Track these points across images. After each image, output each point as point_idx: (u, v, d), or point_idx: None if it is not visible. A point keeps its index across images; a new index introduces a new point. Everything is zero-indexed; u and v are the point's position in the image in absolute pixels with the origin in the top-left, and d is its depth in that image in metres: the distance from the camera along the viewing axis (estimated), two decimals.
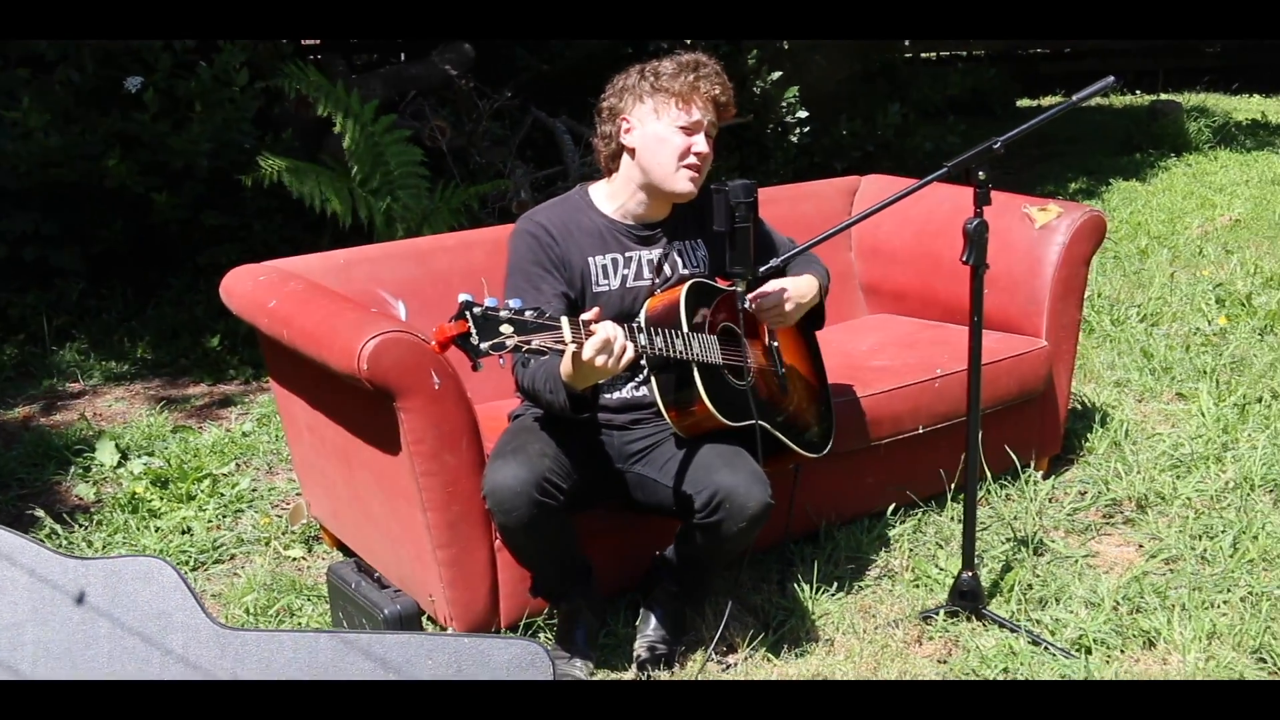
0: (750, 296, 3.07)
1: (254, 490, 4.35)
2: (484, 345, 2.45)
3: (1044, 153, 10.84)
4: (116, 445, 4.70)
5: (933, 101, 10.13)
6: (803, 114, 8.13)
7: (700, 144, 3.06)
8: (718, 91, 3.07)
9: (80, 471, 4.57)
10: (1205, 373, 5.03)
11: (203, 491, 4.29)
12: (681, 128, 3.04)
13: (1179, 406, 4.75)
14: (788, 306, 3.14)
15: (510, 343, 2.47)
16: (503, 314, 2.48)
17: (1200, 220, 8.06)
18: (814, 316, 3.36)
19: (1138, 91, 15.13)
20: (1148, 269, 6.75)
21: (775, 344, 3.25)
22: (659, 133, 3.04)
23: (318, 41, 7.55)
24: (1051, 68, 15.92)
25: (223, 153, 6.11)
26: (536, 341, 2.51)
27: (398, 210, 6.06)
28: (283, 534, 3.99)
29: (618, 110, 3.08)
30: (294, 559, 3.85)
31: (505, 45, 7.59)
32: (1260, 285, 6.22)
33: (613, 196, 3.18)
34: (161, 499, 4.24)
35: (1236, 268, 6.65)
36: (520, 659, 2.62)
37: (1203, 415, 4.53)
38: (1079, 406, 4.69)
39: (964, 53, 16.30)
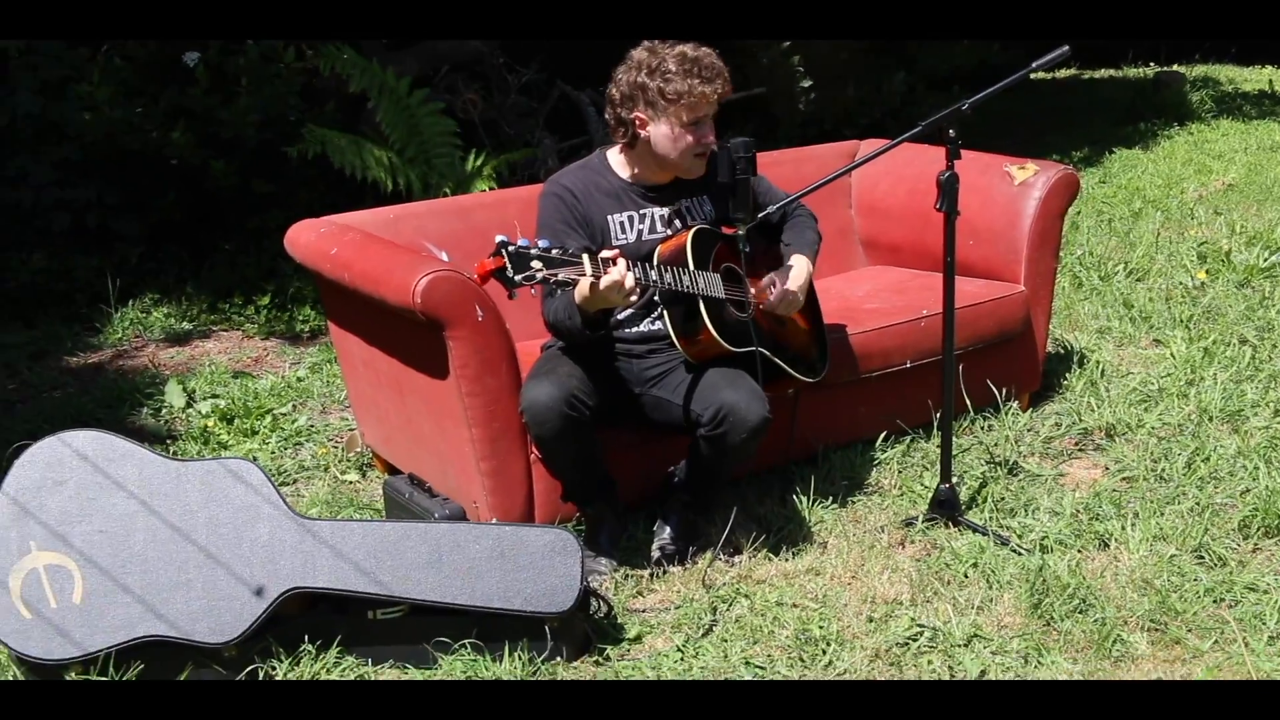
0: (762, 307, 3.57)
1: (311, 426, 4.83)
2: (518, 277, 2.92)
3: (1052, 123, 11.21)
4: (184, 388, 5.18)
5: (939, 72, 10.48)
6: (807, 83, 8.53)
7: (707, 134, 3.52)
8: (719, 87, 3.48)
9: (151, 412, 5.04)
10: (1181, 321, 5.45)
11: (265, 427, 4.77)
12: (689, 127, 3.48)
13: (1154, 351, 5.17)
14: (796, 296, 3.65)
15: (540, 275, 2.94)
16: (533, 251, 2.95)
17: (1195, 185, 8.45)
18: None
19: (1151, 64, 15.44)
20: (1139, 230, 7.15)
21: (770, 275, 3.70)
22: (671, 133, 3.49)
23: None
24: (1054, 41, 16.17)
25: (270, 124, 6.58)
26: (562, 274, 2.98)
27: (434, 177, 6.52)
28: (339, 461, 4.45)
29: (632, 106, 3.50)
30: (350, 482, 4.32)
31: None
32: (1243, 243, 6.61)
33: (628, 164, 3.63)
34: (228, 433, 4.72)
35: (1222, 227, 7.05)
36: (554, 544, 3.09)
37: (1174, 357, 4.95)
38: (1061, 350, 5.12)
39: None
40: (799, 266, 3.71)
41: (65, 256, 6.63)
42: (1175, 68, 13.96)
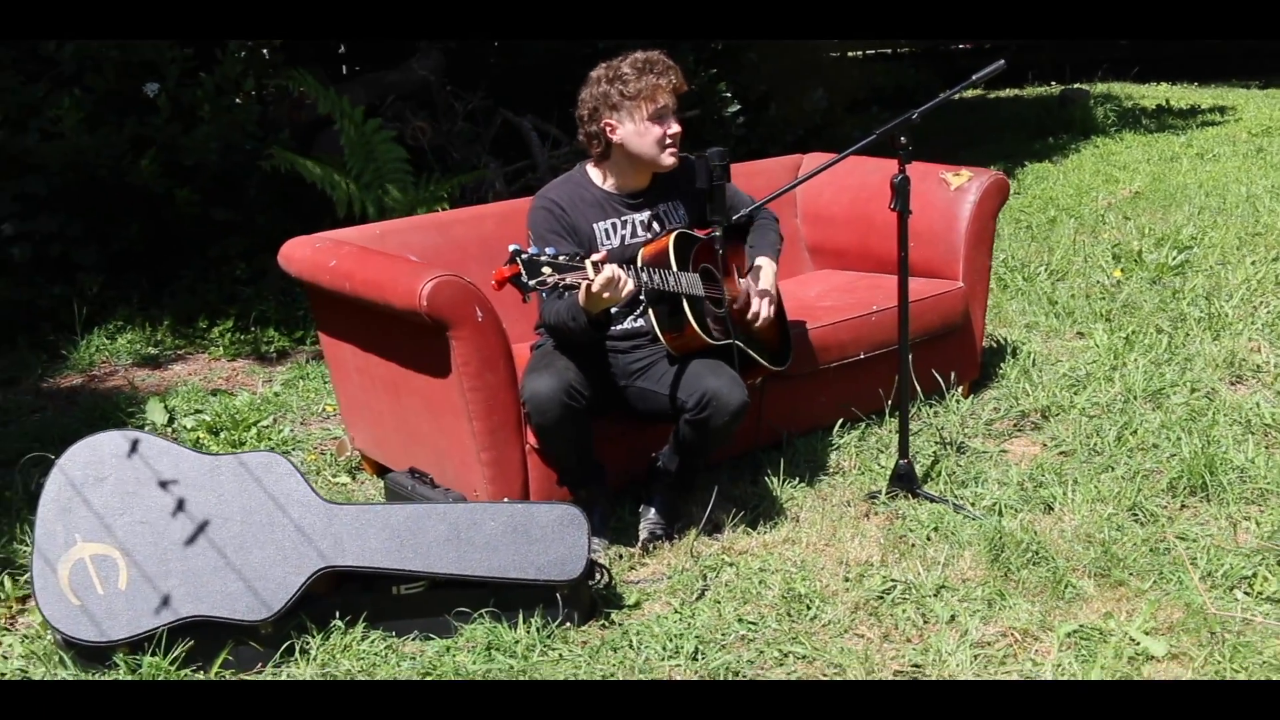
0: (747, 317, 3.93)
1: (294, 436, 5.07)
2: (531, 282, 3.23)
3: (966, 139, 11.73)
4: (164, 406, 5.40)
5: (859, 94, 10.96)
6: (736, 107, 8.94)
7: (672, 125, 3.85)
8: (673, 79, 3.84)
9: (137, 428, 5.25)
10: (1101, 315, 5.88)
11: (252, 438, 5.01)
12: (654, 119, 3.81)
13: (1079, 342, 5.58)
14: (769, 308, 3.98)
15: (551, 280, 3.25)
16: (543, 258, 3.26)
17: (1104, 194, 8.96)
18: None
19: (1053, 83, 16.11)
20: (1055, 235, 7.62)
21: (745, 280, 4.04)
22: (638, 129, 3.82)
23: (305, 47, 8.21)
24: (971, 62, 16.83)
25: (227, 152, 6.82)
26: (570, 278, 3.29)
27: (388, 201, 6.80)
28: (329, 467, 4.71)
29: (599, 116, 3.84)
30: (342, 484, 4.58)
31: (476, 51, 8.35)
32: (1152, 245, 7.09)
33: (606, 175, 3.95)
34: (217, 445, 4.95)
35: (1132, 231, 7.53)
36: (562, 518, 3.39)
37: (1097, 347, 5.36)
38: (995, 344, 5.52)
39: (889, 50, 17.22)
40: (767, 269, 4.05)
41: (29, 286, 6.81)
42: (1079, 85, 14.61)
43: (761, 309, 3.96)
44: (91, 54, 6.62)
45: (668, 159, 3.87)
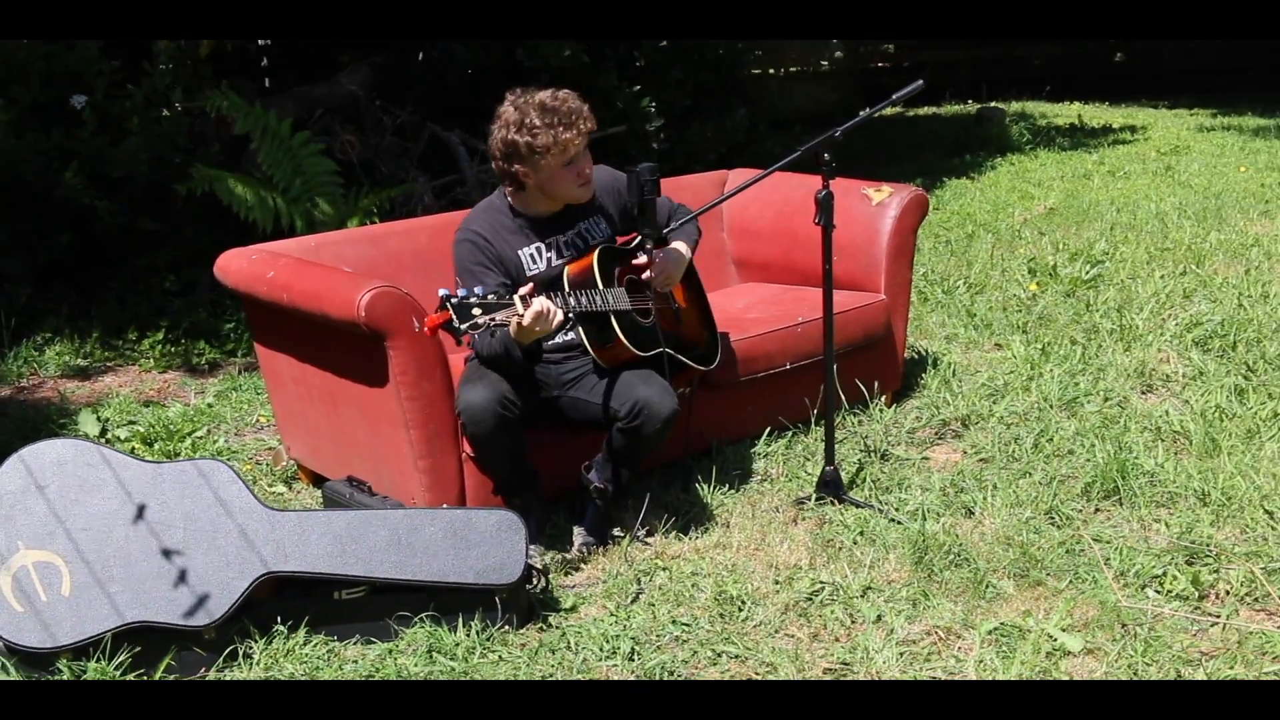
0: (641, 265, 3.97)
1: (229, 447, 5.10)
2: (463, 326, 3.30)
3: (886, 156, 11.95)
4: (97, 417, 5.40)
5: (781, 112, 11.16)
6: (659, 122, 9.08)
7: (584, 167, 3.91)
8: (581, 127, 3.84)
9: (70, 438, 5.24)
10: (1018, 327, 6.07)
11: (187, 449, 5.03)
12: (564, 166, 3.86)
13: (997, 353, 5.76)
14: (671, 272, 4.08)
15: (482, 321, 3.32)
16: (472, 300, 3.33)
17: (1020, 210, 9.21)
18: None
19: (970, 101, 16.45)
20: (973, 250, 7.82)
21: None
22: (552, 174, 3.86)
23: (232, 60, 8.22)
24: (890, 80, 17.13)
25: (156, 165, 6.82)
26: (499, 316, 3.37)
27: (317, 215, 6.84)
28: (265, 476, 4.75)
29: (510, 161, 3.85)
30: (278, 494, 4.62)
31: (403, 65, 8.41)
32: (1066, 259, 7.31)
33: (524, 203, 3.99)
34: (152, 455, 4.97)
35: (1047, 246, 7.75)
36: (500, 523, 3.47)
37: (1015, 358, 5.54)
38: (916, 355, 5.67)
39: (809, 69, 17.48)
40: (677, 246, 4.15)
41: None
42: (994, 104, 14.94)
43: (655, 272, 4.01)
44: (17, 63, 6.59)
45: (583, 194, 3.96)
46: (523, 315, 3.42)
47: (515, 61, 8.29)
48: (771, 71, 16.56)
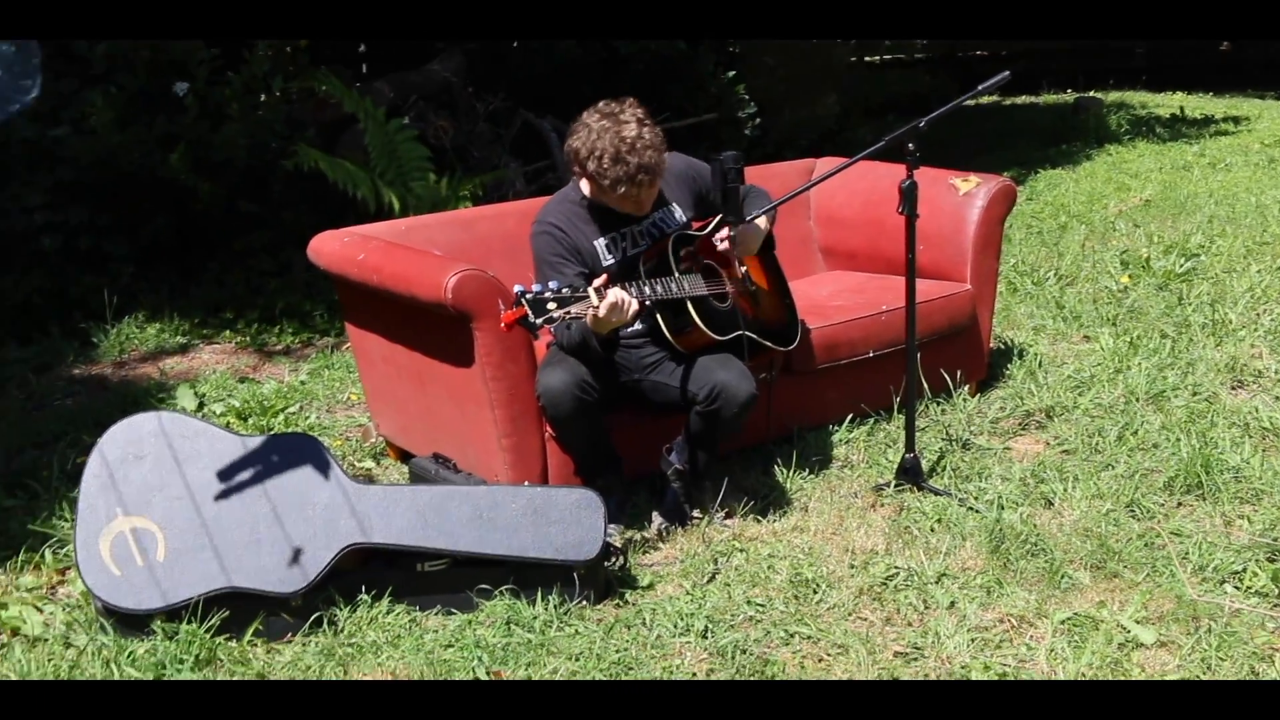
0: (719, 237, 4.00)
1: (320, 423, 5.24)
2: (539, 321, 3.38)
3: (981, 146, 11.86)
4: (194, 392, 5.57)
5: (873, 100, 11.12)
6: (752, 108, 9.10)
7: (644, 200, 3.92)
8: (646, 185, 3.84)
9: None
10: (1108, 319, 6.01)
11: (280, 424, 5.16)
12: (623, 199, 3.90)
13: (1085, 345, 5.72)
14: (749, 242, 4.10)
15: (557, 315, 3.40)
16: (547, 295, 3.42)
17: (1116, 201, 9.09)
18: (768, 243, 4.29)
19: (1069, 90, 16.23)
20: (1065, 241, 7.75)
21: (745, 269, 4.18)
22: (608, 197, 3.88)
23: (329, 48, 8.38)
24: (986, 69, 16.96)
25: (255, 149, 7.00)
26: (574, 309, 3.44)
27: (411, 199, 6.96)
28: (354, 452, 4.87)
29: (581, 170, 3.89)
30: (366, 469, 4.74)
31: (497, 53, 8.52)
32: (1160, 252, 7.21)
33: (596, 193, 4.04)
34: (246, 429, 5.11)
35: (1142, 238, 7.66)
36: (580, 501, 3.55)
37: (1102, 350, 5.50)
38: (1003, 346, 5.65)
39: (904, 57, 17.36)
40: (756, 220, 4.16)
41: (60, 276, 6.99)
42: (1093, 94, 14.73)
43: (730, 243, 4.03)
44: (123, 53, 6.80)
45: (636, 213, 4.00)
46: (598, 307, 3.49)
47: (611, 49, 8.36)
48: (868, 59, 16.49)
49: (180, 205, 7.19)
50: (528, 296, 3.38)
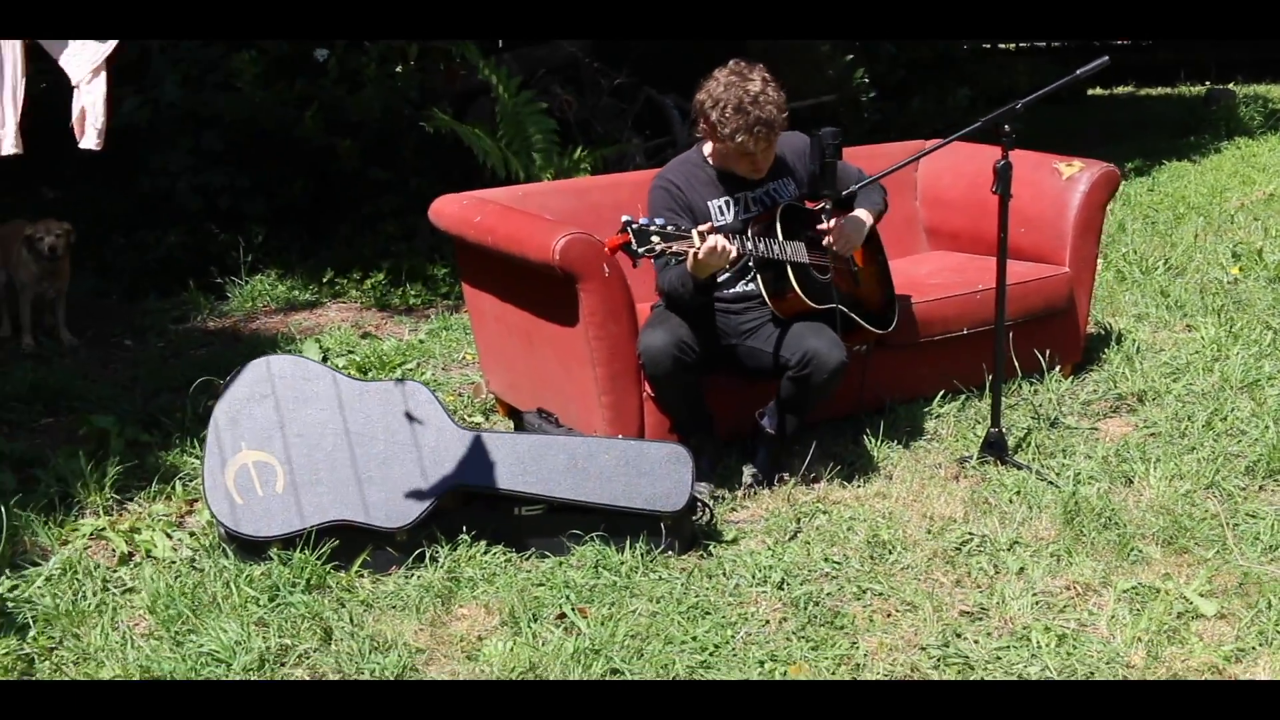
0: (826, 241, 4.18)
1: (435, 379, 5.51)
2: (640, 250, 3.60)
3: (1105, 136, 11.77)
4: (320, 345, 5.89)
5: (999, 88, 11.11)
6: (872, 93, 9.20)
7: (760, 160, 4.14)
8: (765, 139, 4.04)
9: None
10: (1213, 309, 6.03)
11: (396, 379, 5.44)
12: (739, 153, 4.11)
13: (1186, 334, 5.76)
14: (851, 238, 4.27)
15: (659, 247, 3.61)
16: (652, 228, 3.64)
17: (1238, 195, 9.01)
18: (873, 234, 4.45)
19: (1206, 83, 15.95)
20: (1179, 232, 7.74)
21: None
22: (727, 151, 4.13)
23: None
24: (1122, 59, 16.73)
25: (387, 115, 7.32)
26: (676, 246, 3.65)
27: (535, 169, 7.21)
28: (466, 407, 5.13)
29: (703, 120, 4.12)
30: (476, 423, 5.00)
31: None
32: (1277, 244, 7.18)
33: (717, 156, 4.26)
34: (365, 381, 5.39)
35: (1259, 231, 7.62)
36: (670, 455, 3.76)
37: (1203, 338, 5.54)
38: (1103, 331, 5.72)
39: (1041, 44, 17.17)
40: (859, 214, 4.34)
41: (200, 234, 7.40)
42: (1228, 86, 14.48)
43: (834, 236, 4.19)
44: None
45: (751, 175, 4.20)
46: (699, 249, 3.69)
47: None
48: (1003, 46, 16.35)
49: (315, 170, 7.55)
50: (634, 226, 3.60)
